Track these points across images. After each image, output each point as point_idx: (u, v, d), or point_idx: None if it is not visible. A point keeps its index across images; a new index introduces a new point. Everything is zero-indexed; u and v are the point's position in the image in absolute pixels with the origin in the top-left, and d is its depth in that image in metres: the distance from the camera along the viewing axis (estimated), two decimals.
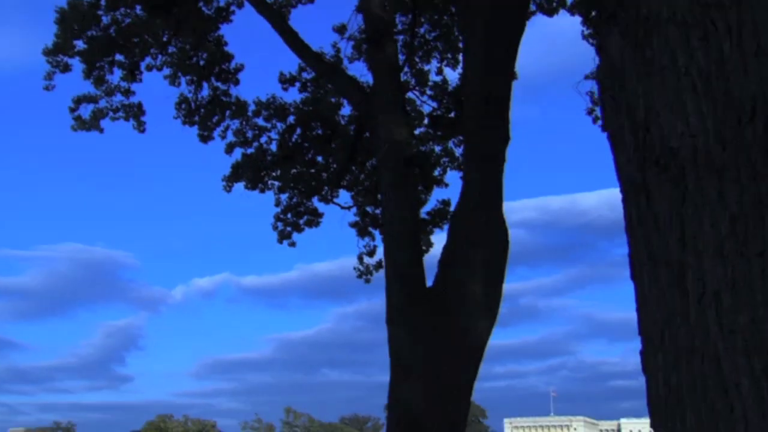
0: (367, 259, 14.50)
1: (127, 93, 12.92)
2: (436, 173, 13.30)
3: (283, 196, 14.39)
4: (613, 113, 1.38)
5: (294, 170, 14.15)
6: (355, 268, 14.65)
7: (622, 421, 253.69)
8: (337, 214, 14.34)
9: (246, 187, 14.02)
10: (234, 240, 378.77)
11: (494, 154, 7.89)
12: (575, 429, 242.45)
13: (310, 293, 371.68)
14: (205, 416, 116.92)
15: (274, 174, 14.20)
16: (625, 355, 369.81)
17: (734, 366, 1.06)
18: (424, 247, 10.50)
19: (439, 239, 12.58)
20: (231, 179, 13.88)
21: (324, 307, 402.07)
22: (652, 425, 1.30)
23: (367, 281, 14.75)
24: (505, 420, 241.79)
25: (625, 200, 1.42)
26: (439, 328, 7.11)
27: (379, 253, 14.43)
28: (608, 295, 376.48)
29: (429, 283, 7.72)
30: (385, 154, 8.09)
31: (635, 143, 1.30)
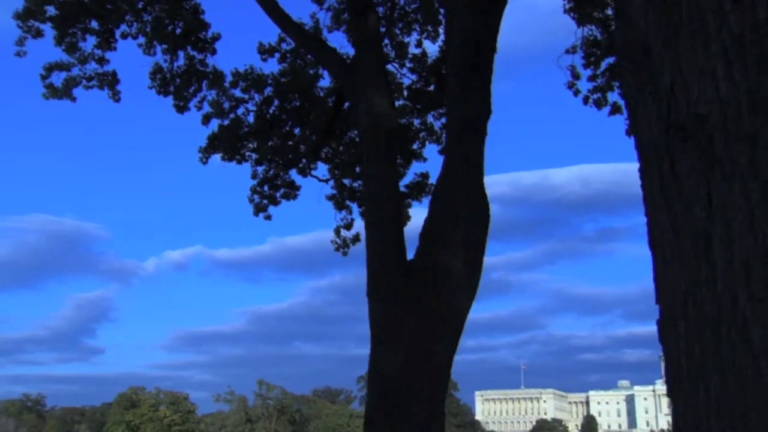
0: (344, 232, 14.53)
1: (101, 61, 12.69)
2: (414, 147, 13.28)
3: (260, 169, 14.31)
4: (633, 80, 1.35)
5: (271, 142, 14.05)
6: (332, 241, 14.67)
7: (591, 393, 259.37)
8: (314, 187, 14.30)
9: (223, 159, 13.91)
10: (206, 213, 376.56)
11: (476, 128, 7.87)
12: (545, 401, 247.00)
13: (283, 266, 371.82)
14: (177, 388, 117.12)
15: (251, 146, 14.09)
16: (594, 330, 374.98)
17: (764, 334, 1.05)
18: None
19: (417, 212, 12.62)
20: (207, 150, 13.75)
21: (297, 281, 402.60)
22: (670, 393, 1.29)
23: (344, 254, 14.78)
24: (476, 392, 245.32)
25: (644, 169, 1.40)
26: (419, 301, 7.12)
27: (357, 227, 14.47)
28: (578, 270, 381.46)
29: (409, 256, 7.72)
30: (367, 127, 8.02)
31: (659, 110, 1.27)
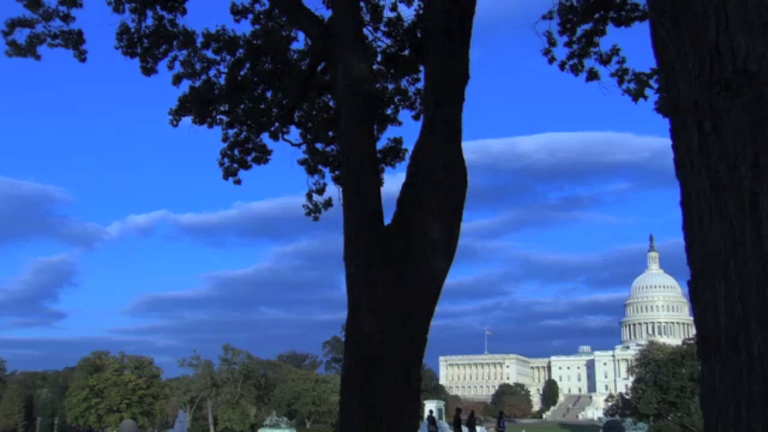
0: (316, 197, 14.44)
1: (67, 18, 12.31)
2: (388, 111, 13.18)
3: (231, 132, 14.11)
4: (670, 37, 1.31)
5: (243, 105, 13.84)
6: (303, 206, 14.57)
7: (552, 358, 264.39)
8: (286, 152, 14.16)
9: (193, 122, 13.68)
10: (172, 177, 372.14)
11: (454, 92, 7.84)
12: (508, 366, 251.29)
13: (249, 232, 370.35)
14: (141, 353, 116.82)
15: (222, 108, 13.87)
16: (557, 296, 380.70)
17: None
18: None
19: (389, 178, 12.57)
20: (178, 113, 13.50)
21: (263, 246, 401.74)
22: (703, 354, 1.28)
23: (316, 219, 14.73)
24: (441, 358, 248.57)
25: (679, 127, 1.37)
26: (397, 266, 7.12)
27: (329, 191, 14.39)
28: (543, 237, 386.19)
29: (385, 221, 7.71)
30: (344, 90, 7.92)
31: (701, 67, 1.24)
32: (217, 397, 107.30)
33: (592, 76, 10.93)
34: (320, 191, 14.39)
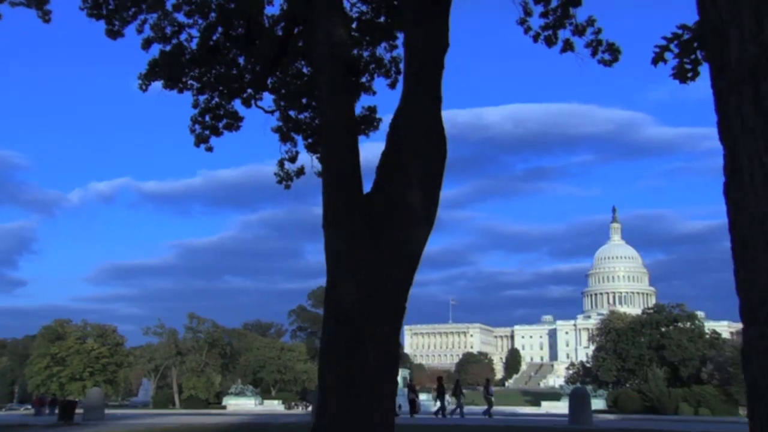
0: (288, 165, 14.29)
1: None
2: (363, 80, 13.05)
3: (202, 98, 13.87)
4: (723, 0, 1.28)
5: (214, 71, 13.60)
6: (275, 174, 14.43)
7: (516, 327, 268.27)
8: (256, 119, 13.98)
9: (164, 87, 13.42)
10: (135, 143, 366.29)
11: (434, 60, 7.78)
12: (472, 335, 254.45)
13: (214, 200, 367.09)
14: (104, 322, 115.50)
15: (193, 74, 13.61)
16: (521, 266, 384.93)
17: None
18: None
19: (363, 146, 12.48)
20: (148, 77, 13.21)
21: (227, 215, 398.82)
22: (749, 320, 1.28)
23: (287, 187, 14.59)
24: (405, 327, 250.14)
25: (728, 89, 1.34)
26: (376, 233, 7.10)
27: (301, 159, 14.26)
28: (508, 208, 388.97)
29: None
30: (324, 56, 7.81)
31: (760, 27, 1.21)
32: (181, 365, 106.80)
33: (567, 47, 10.91)
34: (292, 159, 14.25)
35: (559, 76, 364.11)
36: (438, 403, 40.33)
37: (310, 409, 78.22)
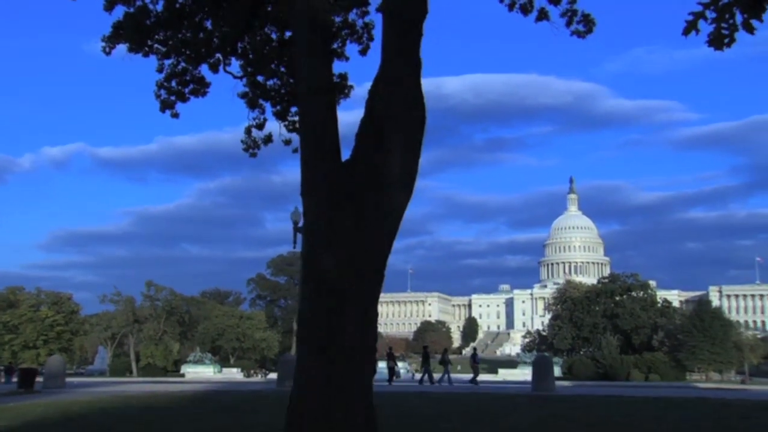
0: (255, 132, 14.12)
1: None
2: (335, 45, 12.89)
3: (167, 62, 13.58)
4: None
5: (180, 35, 13.29)
6: (242, 141, 14.24)
7: (473, 297, 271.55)
8: (219, 85, 13.74)
9: (129, 50, 13.08)
10: (89, 108, 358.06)
11: (412, 27, 7.72)
12: (430, 304, 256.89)
13: (171, 167, 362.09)
14: (58, 289, 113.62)
15: (158, 37, 13.29)
16: (478, 236, 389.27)
17: None
18: None
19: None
20: (111, 40, 12.87)
21: (185, 182, 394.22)
22: None
23: (253, 155, 14.43)
24: None
25: None
26: (356, 201, 7.08)
27: (268, 127, 14.09)
28: (467, 178, 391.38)
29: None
30: (304, 21, 7.68)
31: None
32: (139, 333, 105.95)
33: (542, 16, 10.91)
34: (260, 126, 14.07)
35: (520, 46, 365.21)
36: (425, 372, 40.72)
37: (269, 376, 78.48)
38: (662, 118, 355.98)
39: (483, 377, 59.59)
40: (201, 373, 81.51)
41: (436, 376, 41.03)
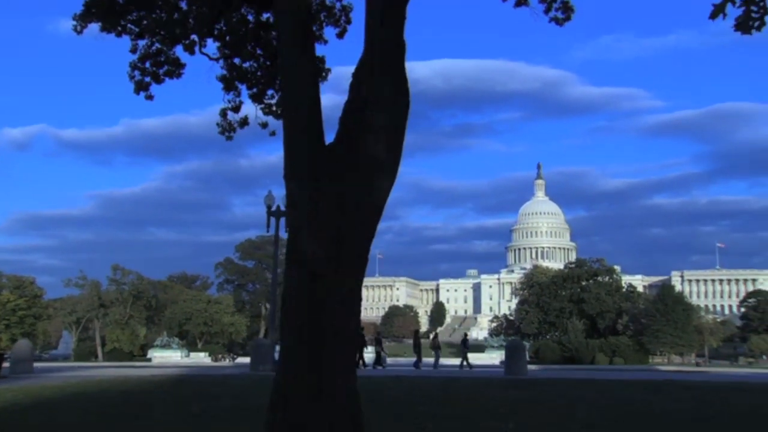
0: (231, 115, 13.99)
1: None
2: (313, 28, 12.79)
3: (141, 43, 13.37)
4: None
5: (154, 15, 13.09)
6: (217, 124, 14.10)
7: (441, 281, 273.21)
8: (199, 67, 13.57)
9: (101, 30, 12.85)
10: (51, 88, 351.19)
11: (396, 10, 7.70)
12: (398, 289, 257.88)
13: (137, 150, 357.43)
14: (21, 273, 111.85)
15: (131, 17, 13.07)
16: (446, 221, 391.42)
17: None
18: None
19: None
20: (83, 18, 12.61)
21: (151, 165, 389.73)
22: None
23: (229, 138, 14.30)
24: None
25: None
26: (340, 185, 7.06)
27: (245, 109, 13.97)
28: (435, 163, 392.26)
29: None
30: (288, 2, 7.62)
31: None
32: (104, 317, 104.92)
33: (521, 1, 10.93)
34: (236, 109, 13.94)
35: (489, 32, 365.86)
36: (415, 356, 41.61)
37: (237, 361, 78.24)
38: (628, 105, 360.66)
39: (451, 361, 60.17)
40: (168, 357, 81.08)
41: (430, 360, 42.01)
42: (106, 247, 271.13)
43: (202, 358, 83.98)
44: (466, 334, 51.25)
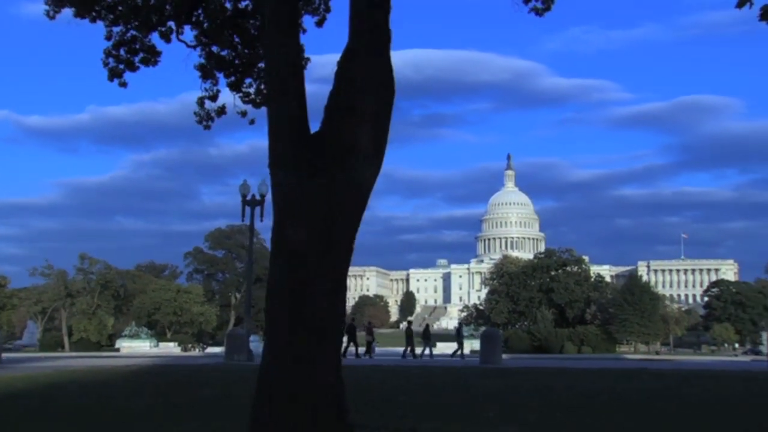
0: (208, 104, 13.87)
1: None
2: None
3: (116, 29, 13.18)
4: None
5: (131, 0, 12.91)
6: (195, 113, 13.98)
7: (411, 271, 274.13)
8: (169, 54, 13.43)
9: (75, 15, 12.65)
10: (15, 74, 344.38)
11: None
12: (368, 278, 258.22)
13: (104, 138, 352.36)
14: None
15: (106, 2, 12.87)
16: (415, 211, 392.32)
17: None
18: None
19: None
20: (57, 3, 12.41)
21: (119, 154, 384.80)
22: None
23: (207, 128, 14.18)
24: None
25: None
26: (325, 174, 7.05)
27: (222, 98, 13.85)
28: (405, 154, 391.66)
29: None
30: None
31: None
32: (71, 307, 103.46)
33: None
34: (213, 98, 13.82)
35: (459, 22, 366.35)
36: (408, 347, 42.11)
37: (207, 351, 77.79)
38: (597, 97, 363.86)
39: (420, 350, 60.61)
40: (137, 347, 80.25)
41: (418, 350, 42.59)
42: (73, 236, 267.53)
43: (171, 348, 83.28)
44: (461, 324, 52.25)
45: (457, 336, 44.96)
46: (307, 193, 7.01)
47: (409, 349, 41.85)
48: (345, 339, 47.15)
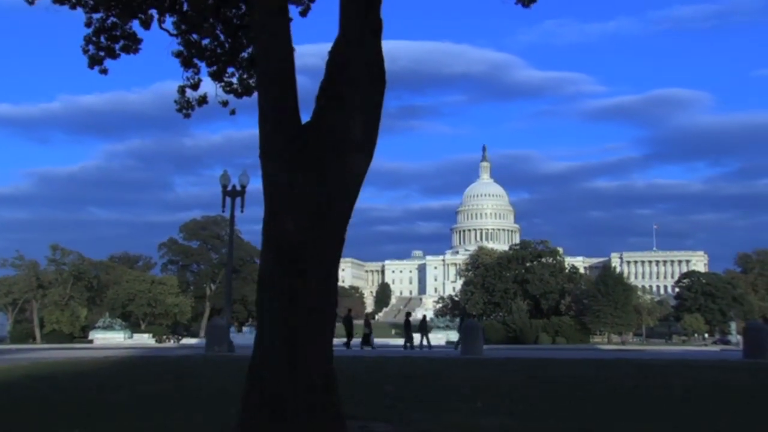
0: (189, 93, 13.73)
1: None
2: None
3: (96, 16, 12.98)
4: None
5: None
6: (175, 102, 13.84)
7: (386, 262, 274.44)
8: (158, 42, 13.25)
9: (54, 1, 12.43)
10: None
11: None
12: (343, 270, 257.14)
13: (76, 127, 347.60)
14: None
15: None
16: (391, 202, 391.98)
17: None
18: None
19: None
20: None
21: (91, 143, 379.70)
22: None
23: (187, 116, 14.04)
24: None
25: None
26: (316, 164, 7.00)
27: (203, 87, 13.72)
28: (379, 145, 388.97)
29: None
30: None
31: None
32: (43, 298, 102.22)
33: None
34: (194, 86, 13.68)
35: (434, 13, 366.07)
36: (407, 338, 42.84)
37: (182, 342, 77.28)
38: (571, 89, 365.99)
39: (396, 341, 60.82)
40: (111, 339, 79.52)
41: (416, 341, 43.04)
42: (44, 227, 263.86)
43: (145, 340, 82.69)
44: (462, 316, 52.63)
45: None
46: (298, 183, 6.95)
47: (410, 342, 42.41)
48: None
